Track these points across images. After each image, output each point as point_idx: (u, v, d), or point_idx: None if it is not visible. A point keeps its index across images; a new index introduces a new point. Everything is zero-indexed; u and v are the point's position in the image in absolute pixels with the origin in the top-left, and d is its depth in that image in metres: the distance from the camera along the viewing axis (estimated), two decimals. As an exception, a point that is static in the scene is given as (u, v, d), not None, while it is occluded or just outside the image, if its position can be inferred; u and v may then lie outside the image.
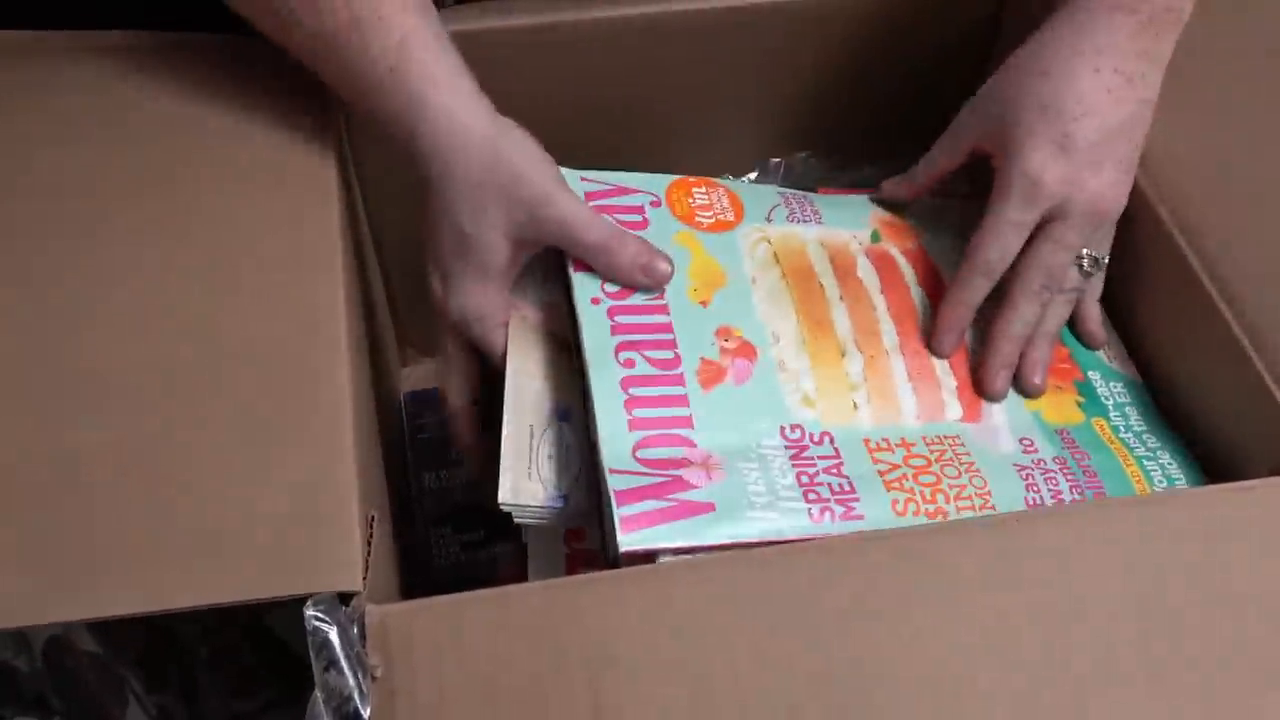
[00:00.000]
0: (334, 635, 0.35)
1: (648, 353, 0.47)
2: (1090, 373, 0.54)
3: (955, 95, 0.66)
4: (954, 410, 0.50)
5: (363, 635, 0.35)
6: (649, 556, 0.41)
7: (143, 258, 0.45)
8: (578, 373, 0.48)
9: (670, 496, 0.42)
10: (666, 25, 0.58)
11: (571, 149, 0.57)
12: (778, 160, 0.68)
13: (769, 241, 0.53)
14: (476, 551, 0.63)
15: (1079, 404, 0.52)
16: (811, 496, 0.44)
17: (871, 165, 0.68)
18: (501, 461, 0.46)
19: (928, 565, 0.38)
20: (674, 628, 0.36)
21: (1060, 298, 0.52)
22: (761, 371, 0.48)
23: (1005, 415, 0.50)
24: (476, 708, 0.35)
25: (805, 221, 0.55)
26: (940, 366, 0.51)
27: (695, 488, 0.43)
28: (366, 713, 0.34)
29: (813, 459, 0.46)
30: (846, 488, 0.44)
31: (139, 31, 0.53)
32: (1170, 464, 0.49)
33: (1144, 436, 0.51)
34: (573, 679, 0.35)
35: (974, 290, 0.50)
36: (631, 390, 0.46)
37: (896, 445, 0.47)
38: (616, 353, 0.47)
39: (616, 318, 0.48)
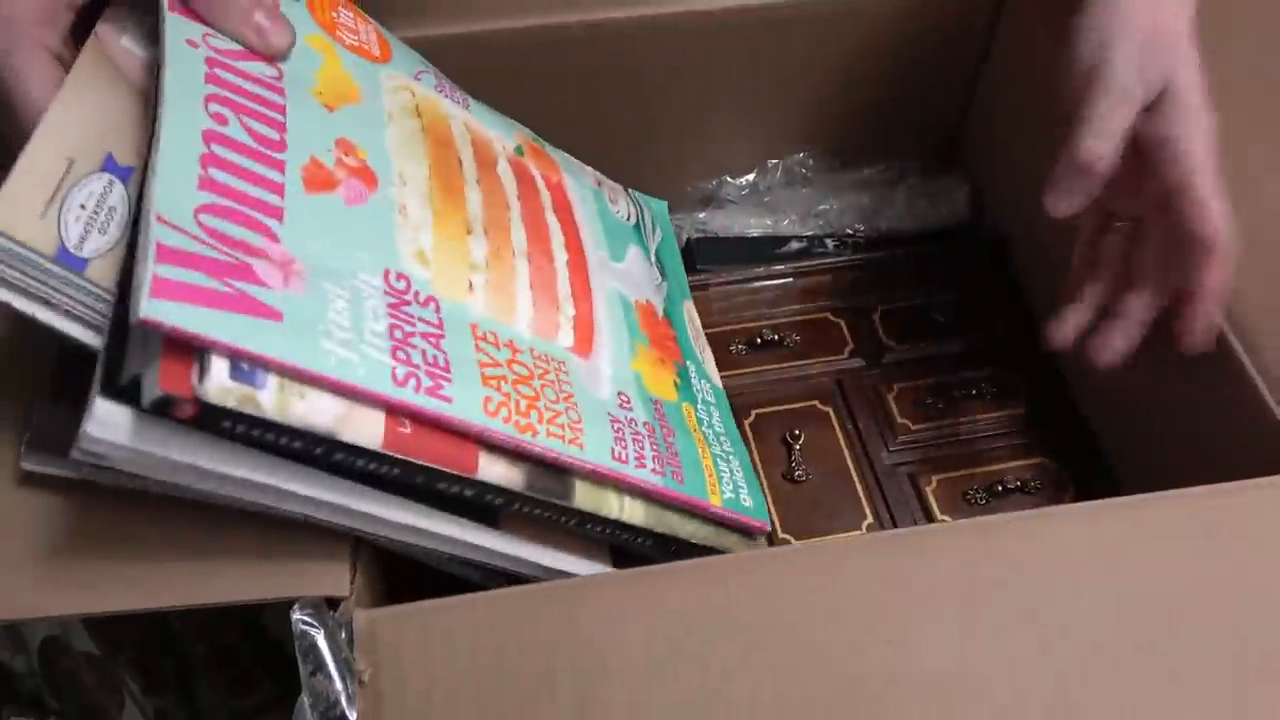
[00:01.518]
0: (321, 639, 0.35)
1: (247, 120, 0.39)
2: (688, 362, 0.52)
3: (953, 95, 0.67)
4: (567, 337, 0.46)
5: (350, 639, 0.35)
6: (187, 348, 0.32)
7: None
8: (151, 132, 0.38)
9: (230, 282, 0.34)
10: (665, 27, 0.58)
11: (569, 150, 0.57)
12: (775, 162, 0.68)
13: (413, 94, 0.48)
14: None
15: (675, 384, 0.50)
16: (401, 355, 0.37)
17: (871, 165, 0.69)
18: (7, 181, 0.35)
19: (917, 568, 0.38)
20: (665, 633, 0.36)
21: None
22: (379, 205, 0.41)
23: (610, 365, 0.47)
24: (464, 712, 0.35)
25: (454, 101, 0.51)
26: (563, 293, 0.47)
27: (265, 286, 0.35)
28: (354, 717, 0.34)
29: (412, 317, 0.39)
30: (441, 363, 0.39)
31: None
32: (739, 473, 0.48)
33: (721, 439, 0.50)
34: (560, 684, 0.35)
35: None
36: (214, 148, 0.37)
37: (504, 345, 0.42)
38: (206, 103, 0.38)
39: (216, 70, 0.40)
